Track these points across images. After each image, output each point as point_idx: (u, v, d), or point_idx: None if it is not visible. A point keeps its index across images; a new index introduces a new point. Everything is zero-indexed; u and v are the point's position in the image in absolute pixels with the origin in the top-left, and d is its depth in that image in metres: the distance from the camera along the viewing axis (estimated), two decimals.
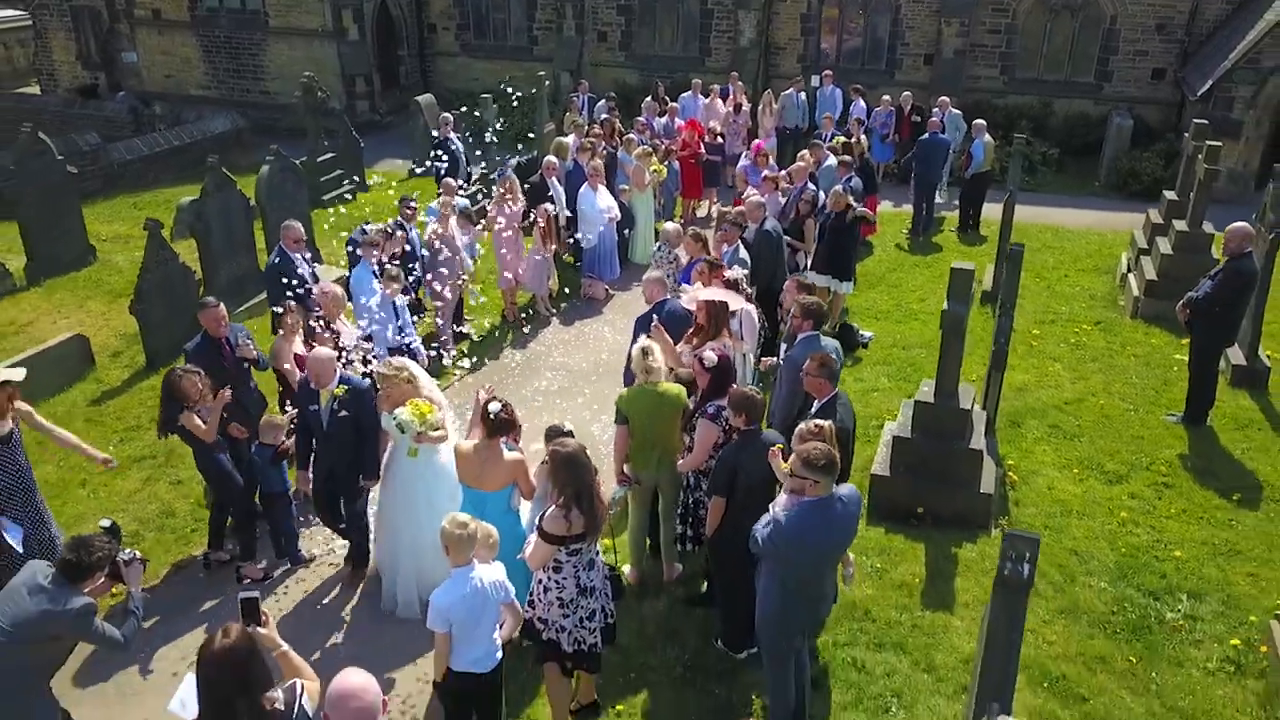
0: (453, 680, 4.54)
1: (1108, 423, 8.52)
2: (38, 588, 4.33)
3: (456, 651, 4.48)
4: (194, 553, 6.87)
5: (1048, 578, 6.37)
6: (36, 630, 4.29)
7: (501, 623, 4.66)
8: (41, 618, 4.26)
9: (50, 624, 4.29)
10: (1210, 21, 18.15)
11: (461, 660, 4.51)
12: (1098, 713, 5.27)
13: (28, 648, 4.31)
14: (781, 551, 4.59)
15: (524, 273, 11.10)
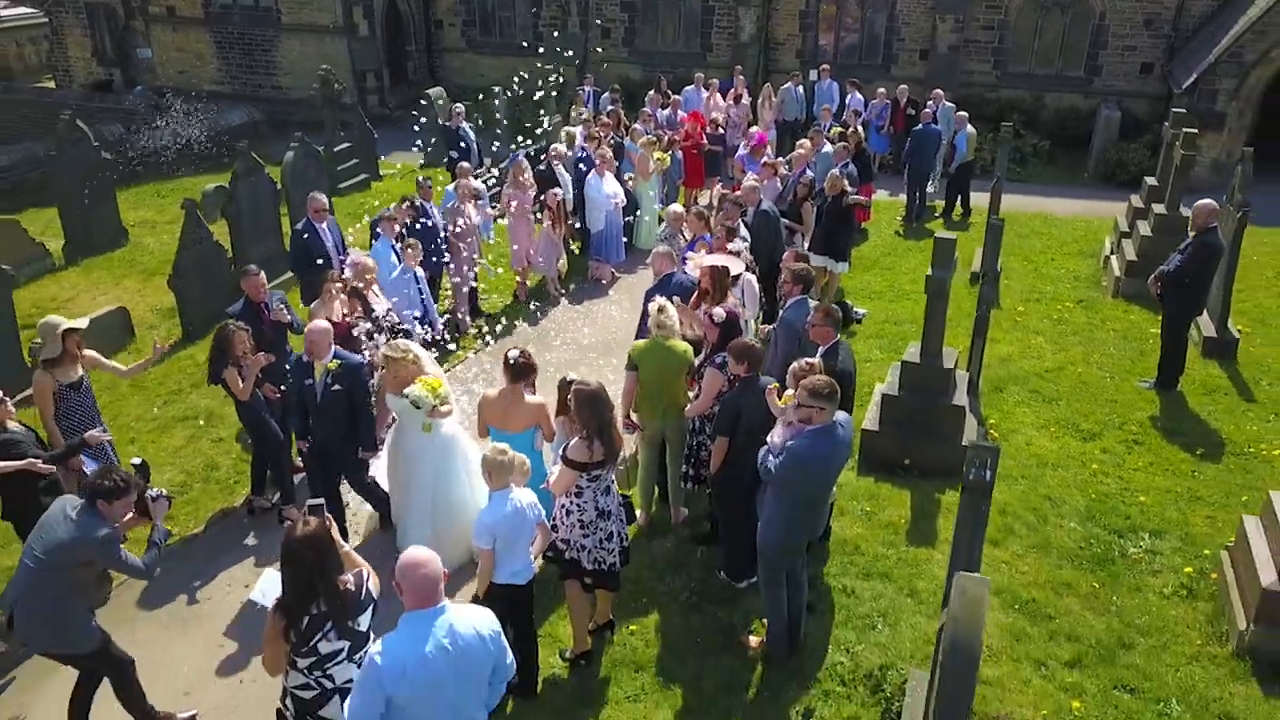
0: (495, 591, 5.16)
1: (1084, 388, 9.15)
2: (67, 518, 4.78)
3: (499, 565, 5.09)
4: (237, 501, 7.50)
5: (1023, 520, 7.00)
6: (67, 556, 4.74)
7: (534, 540, 5.28)
8: (71, 544, 4.72)
9: (78, 550, 4.75)
10: (1196, 17, 18.80)
11: (503, 573, 5.13)
12: (1062, 629, 5.89)
13: (63, 572, 4.77)
14: (795, 475, 5.17)
15: (535, 255, 11.72)
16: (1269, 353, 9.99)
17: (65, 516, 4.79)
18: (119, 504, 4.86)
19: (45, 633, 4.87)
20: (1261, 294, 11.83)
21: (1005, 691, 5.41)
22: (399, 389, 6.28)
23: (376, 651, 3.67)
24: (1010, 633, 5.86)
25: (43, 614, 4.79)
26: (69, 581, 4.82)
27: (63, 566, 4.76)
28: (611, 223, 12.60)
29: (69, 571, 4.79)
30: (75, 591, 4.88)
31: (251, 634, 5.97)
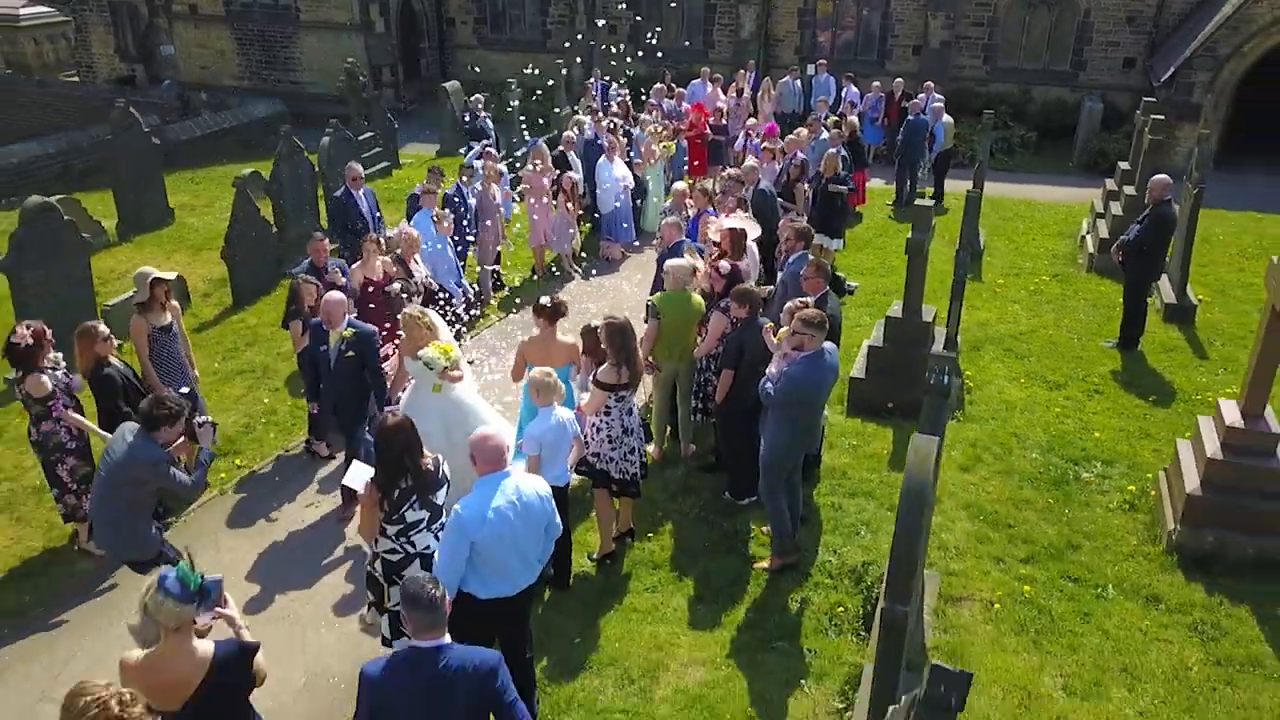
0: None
1: (1054, 348, 10.16)
2: (125, 442, 5.37)
3: (543, 469, 6.06)
4: (295, 440, 8.49)
5: (991, 451, 8.00)
6: (125, 474, 5.35)
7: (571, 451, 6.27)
8: (128, 464, 5.32)
9: (134, 469, 5.34)
10: (1176, 14, 19.82)
11: (547, 476, 6.09)
12: (1019, 535, 6.89)
13: (123, 489, 5.39)
14: (792, 395, 6.14)
15: (552, 233, 12.72)
16: (1224, 319, 11.00)
17: (124, 440, 5.39)
18: (170, 429, 5.40)
19: (115, 541, 5.62)
20: (1223, 269, 12.84)
21: (969, 580, 6.41)
22: (414, 352, 6.70)
23: (459, 507, 4.68)
24: (974, 537, 6.86)
25: (111, 525, 5.53)
26: (128, 497, 5.44)
27: (122, 483, 5.37)
28: (621, 205, 13.59)
29: (128, 488, 5.41)
30: (136, 505, 5.50)
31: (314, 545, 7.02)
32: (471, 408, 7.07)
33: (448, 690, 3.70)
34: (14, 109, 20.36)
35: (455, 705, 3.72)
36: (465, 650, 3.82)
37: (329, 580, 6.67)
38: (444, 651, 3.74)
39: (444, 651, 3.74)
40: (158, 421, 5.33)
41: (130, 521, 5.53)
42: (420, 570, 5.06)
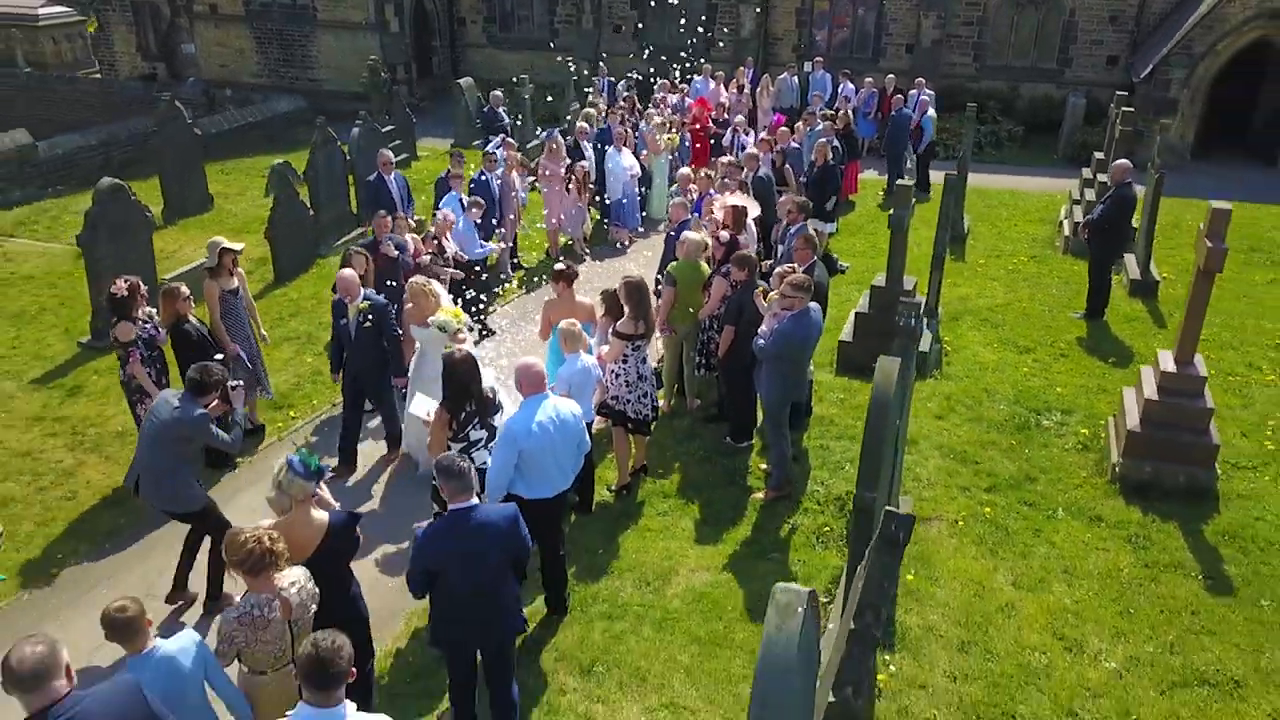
0: None
1: (1026, 318, 11.19)
2: (172, 404, 6.00)
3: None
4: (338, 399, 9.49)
5: (963, 402, 9.03)
6: (173, 432, 5.95)
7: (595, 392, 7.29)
8: (174, 423, 5.93)
9: (179, 427, 5.94)
10: (1156, 14, 20.84)
11: None
12: (984, 469, 7.92)
13: (169, 445, 5.98)
14: (782, 349, 7.17)
15: (565, 218, 13.75)
16: (1181, 293, 11.94)
17: (169, 404, 6.03)
18: (209, 393, 6.06)
19: (160, 494, 6.18)
20: (1189, 251, 13.77)
21: (937, 504, 7.43)
22: (422, 320, 7.40)
23: (508, 423, 5.70)
24: (944, 471, 7.89)
25: (156, 480, 6.10)
26: (174, 454, 6.02)
27: (171, 440, 5.97)
28: (628, 193, 14.61)
29: (177, 445, 6.02)
30: (180, 461, 6.10)
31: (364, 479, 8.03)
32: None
33: (480, 538, 4.72)
34: (46, 105, 21.41)
35: (487, 552, 4.73)
36: (490, 507, 4.87)
37: (383, 502, 7.70)
38: (475, 510, 4.77)
39: (475, 510, 4.77)
40: (205, 388, 5.99)
41: (174, 477, 6.10)
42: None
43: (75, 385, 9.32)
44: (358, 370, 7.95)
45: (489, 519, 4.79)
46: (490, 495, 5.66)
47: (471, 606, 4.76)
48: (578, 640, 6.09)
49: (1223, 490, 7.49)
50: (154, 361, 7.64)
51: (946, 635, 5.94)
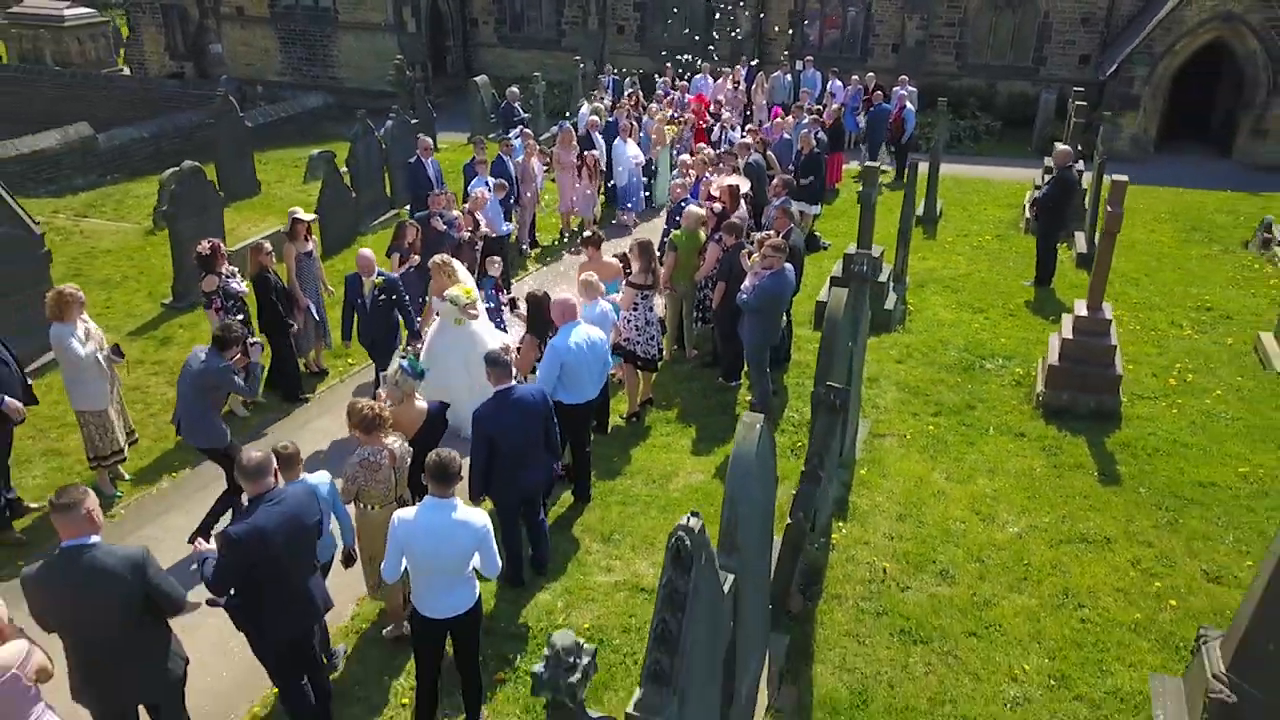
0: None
1: (983, 285, 12.89)
2: (200, 358, 7.10)
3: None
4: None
5: (920, 350, 10.72)
6: (200, 381, 7.05)
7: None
8: (201, 373, 7.05)
9: (206, 377, 7.07)
10: (1125, 16, 22.54)
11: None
12: (932, 400, 9.61)
13: (201, 392, 7.13)
14: (763, 301, 8.85)
15: (577, 201, 15.43)
16: (1127, 265, 13.70)
17: (199, 358, 7.15)
18: (231, 348, 7.22)
19: (194, 433, 7.34)
20: (1137, 230, 15.55)
21: (891, 424, 9.13)
22: (440, 293, 8.66)
23: (552, 343, 7.40)
24: (899, 401, 9.59)
25: (192, 421, 7.28)
26: (203, 399, 7.21)
27: (198, 388, 7.12)
28: (633, 179, 16.29)
29: (206, 392, 7.19)
30: (211, 406, 7.34)
31: None
32: (484, 340, 8.87)
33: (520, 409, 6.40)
34: (88, 102, 23.10)
35: (526, 418, 6.40)
36: (524, 387, 6.56)
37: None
38: (514, 389, 6.44)
39: (514, 389, 6.44)
40: (227, 343, 7.17)
41: (205, 420, 7.28)
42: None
43: (165, 337, 11.02)
44: (373, 337, 9.26)
45: (525, 395, 6.48)
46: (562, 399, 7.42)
47: (519, 462, 6.44)
48: (599, 518, 7.78)
49: (1126, 414, 9.20)
50: (234, 309, 9.32)
51: (888, 511, 7.65)
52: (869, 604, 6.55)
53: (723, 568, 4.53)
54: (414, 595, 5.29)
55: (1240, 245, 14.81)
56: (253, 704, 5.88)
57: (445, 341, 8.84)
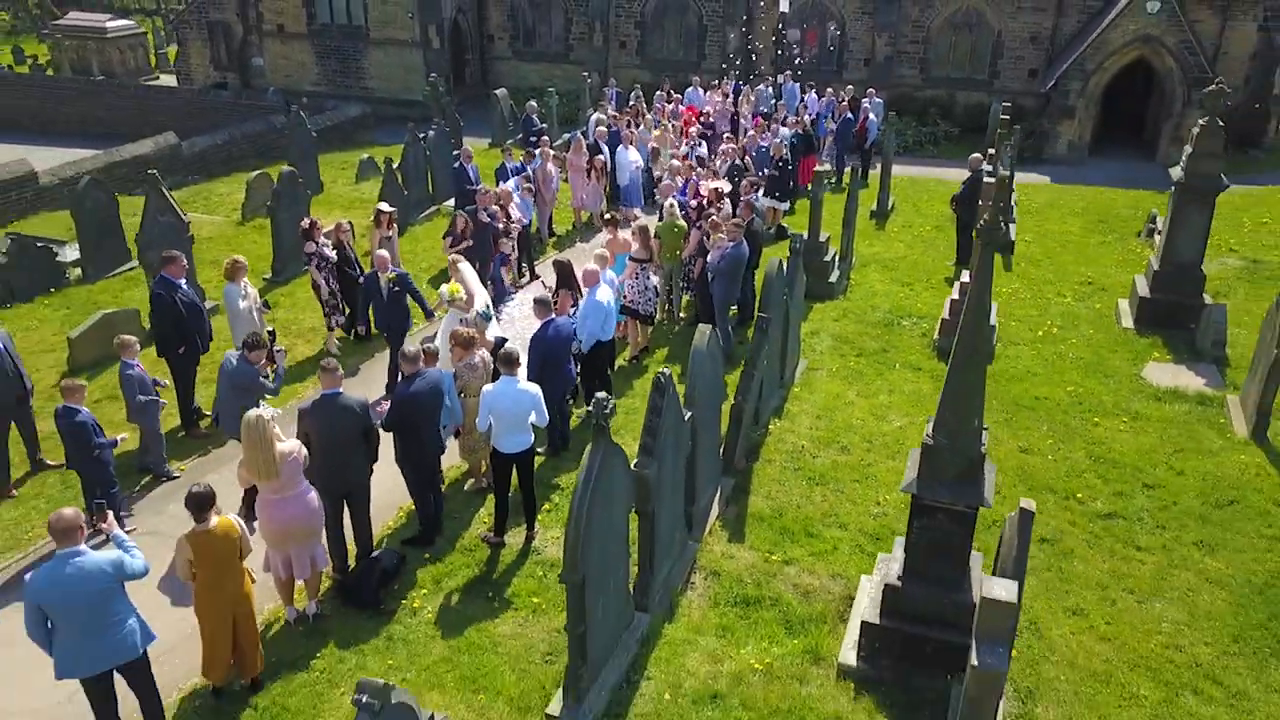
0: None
1: (915, 266, 16.32)
2: (232, 361, 8.95)
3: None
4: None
5: (853, 313, 14.15)
6: (233, 382, 8.92)
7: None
8: (233, 374, 8.90)
9: (238, 379, 8.88)
10: (1067, 35, 25.97)
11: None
12: (855, 346, 13.01)
13: (234, 391, 8.92)
14: (728, 265, 12.29)
15: (586, 199, 18.86)
16: (1034, 250, 17.14)
17: (231, 361, 9.00)
18: (257, 353, 9.06)
19: (231, 424, 8.83)
20: (1052, 223, 19.02)
21: (822, 362, 12.54)
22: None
23: (590, 297, 10.81)
24: (832, 347, 13.00)
25: (227, 411, 9.08)
26: (236, 396, 8.86)
27: (233, 387, 8.97)
28: (633, 179, 19.71)
29: (237, 390, 8.91)
30: (239, 401, 8.69)
31: None
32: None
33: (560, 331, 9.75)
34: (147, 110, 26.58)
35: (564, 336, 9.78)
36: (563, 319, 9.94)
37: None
38: (556, 320, 9.82)
39: (556, 320, 9.82)
40: (255, 348, 9.09)
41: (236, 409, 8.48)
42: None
43: (274, 302, 14.45)
44: (389, 323, 11.62)
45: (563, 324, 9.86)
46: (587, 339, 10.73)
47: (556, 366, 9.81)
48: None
49: (998, 354, 12.62)
50: (327, 269, 12.70)
51: (810, 413, 11.08)
52: (790, 465, 9.98)
53: (685, 408, 7.97)
54: (494, 439, 8.68)
55: (1134, 235, 18.25)
56: (399, 511, 9.31)
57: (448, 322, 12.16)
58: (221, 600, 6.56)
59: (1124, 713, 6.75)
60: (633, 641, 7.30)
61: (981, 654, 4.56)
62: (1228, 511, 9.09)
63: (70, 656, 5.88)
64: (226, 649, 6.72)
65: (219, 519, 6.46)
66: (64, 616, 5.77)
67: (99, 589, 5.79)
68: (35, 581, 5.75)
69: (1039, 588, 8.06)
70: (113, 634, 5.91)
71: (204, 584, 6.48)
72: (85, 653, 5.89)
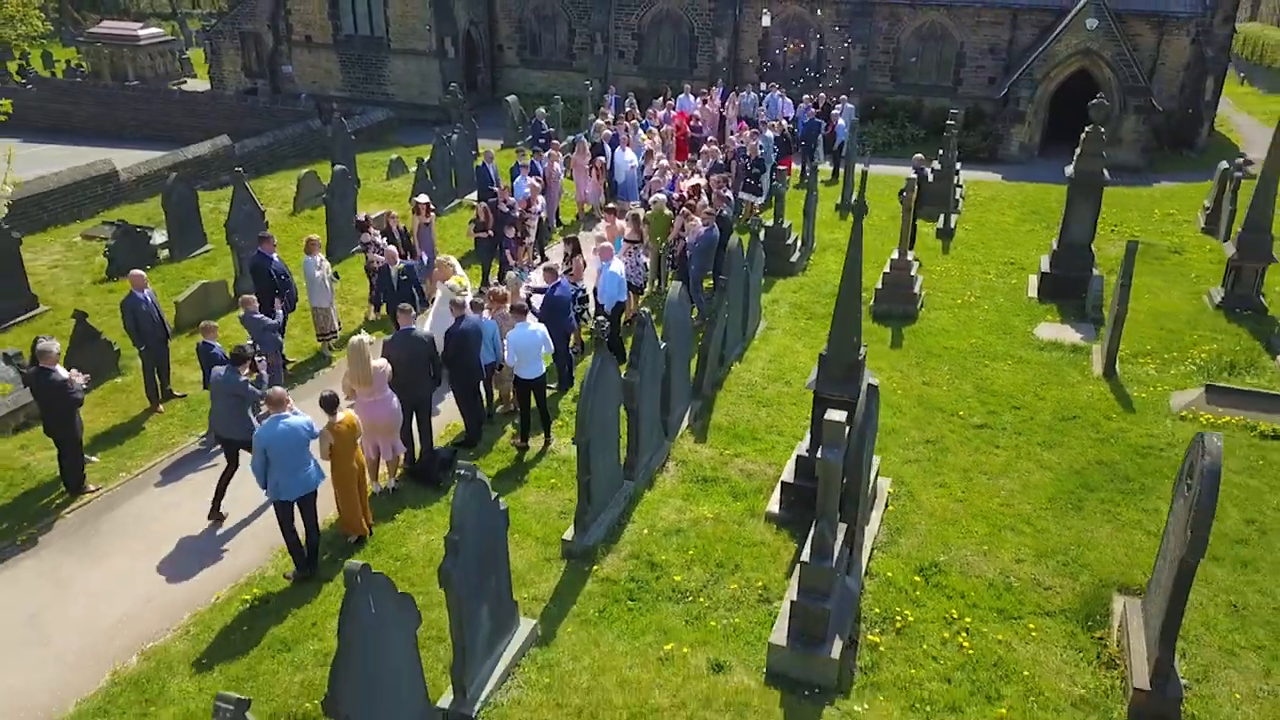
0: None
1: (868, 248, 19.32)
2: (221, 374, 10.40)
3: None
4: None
5: (810, 285, 17.36)
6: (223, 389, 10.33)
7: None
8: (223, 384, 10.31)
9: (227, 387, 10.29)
10: (1022, 47, 29.18)
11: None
12: (809, 311, 16.22)
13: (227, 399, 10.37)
14: (702, 245, 15.51)
15: (589, 193, 22.09)
16: (972, 237, 20.37)
17: (218, 374, 10.51)
18: (244, 365, 10.58)
19: (223, 426, 10.59)
20: (993, 215, 22.24)
21: (779, 325, 15.74)
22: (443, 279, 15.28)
23: (608, 269, 14.02)
24: (787, 313, 16.19)
25: (220, 417, 10.66)
26: (228, 403, 10.42)
27: (226, 395, 10.41)
28: (629, 178, 22.92)
29: (228, 398, 10.40)
30: (233, 407, 10.43)
31: None
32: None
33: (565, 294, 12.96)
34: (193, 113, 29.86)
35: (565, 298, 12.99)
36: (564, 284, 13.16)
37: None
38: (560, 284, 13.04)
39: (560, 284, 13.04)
40: (241, 361, 10.57)
41: (230, 416, 10.48)
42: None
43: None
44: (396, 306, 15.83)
45: (565, 289, 13.05)
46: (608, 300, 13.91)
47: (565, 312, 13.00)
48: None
49: (920, 316, 15.84)
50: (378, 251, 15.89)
51: (764, 358, 14.28)
52: (744, 393, 13.19)
53: (661, 340, 11.21)
54: (516, 369, 11.86)
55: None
56: (450, 425, 12.54)
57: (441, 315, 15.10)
58: (349, 469, 9.76)
59: (961, 540, 9.95)
60: (622, 499, 10.51)
61: (824, 453, 7.71)
62: (1069, 424, 12.30)
63: (278, 485, 9.16)
64: (357, 507, 9.92)
65: (344, 414, 9.65)
66: (276, 457, 9.02)
67: (298, 440, 9.04)
68: (261, 433, 9.04)
69: (919, 471, 11.28)
70: (303, 472, 9.17)
71: (339, 456, 9.67)
72: (284, 484, 9.15)
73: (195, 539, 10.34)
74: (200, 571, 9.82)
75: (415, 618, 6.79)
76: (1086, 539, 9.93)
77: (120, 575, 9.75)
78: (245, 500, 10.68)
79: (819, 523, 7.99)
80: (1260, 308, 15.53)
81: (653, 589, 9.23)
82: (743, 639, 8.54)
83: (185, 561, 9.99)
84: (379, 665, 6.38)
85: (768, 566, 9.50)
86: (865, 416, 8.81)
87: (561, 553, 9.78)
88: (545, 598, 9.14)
